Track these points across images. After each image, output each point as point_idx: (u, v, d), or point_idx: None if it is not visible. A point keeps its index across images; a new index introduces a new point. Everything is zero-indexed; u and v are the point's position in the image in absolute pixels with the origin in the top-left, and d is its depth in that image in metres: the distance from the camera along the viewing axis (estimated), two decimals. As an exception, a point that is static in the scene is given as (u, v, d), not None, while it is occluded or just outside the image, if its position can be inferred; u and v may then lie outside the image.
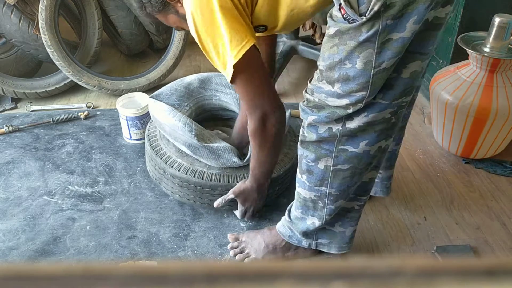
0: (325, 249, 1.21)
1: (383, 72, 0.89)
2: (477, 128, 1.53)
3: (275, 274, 0.20)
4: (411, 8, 0.82)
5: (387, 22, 0.83)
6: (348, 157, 1.01)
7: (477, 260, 0.21)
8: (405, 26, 0.84)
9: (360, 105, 0.93)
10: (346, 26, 0.86)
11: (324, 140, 1.00)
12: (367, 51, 0.86)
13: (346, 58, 0.89)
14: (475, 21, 1.73)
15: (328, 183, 1.05)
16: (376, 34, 0.84)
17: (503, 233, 1.35)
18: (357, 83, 0.90)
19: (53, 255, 1.26)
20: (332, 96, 0.94)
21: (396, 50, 0.86)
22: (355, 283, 0.20)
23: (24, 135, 1.80)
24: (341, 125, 0.97)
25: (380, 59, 0.87)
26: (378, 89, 0.92)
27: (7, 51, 2.16)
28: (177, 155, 1.34)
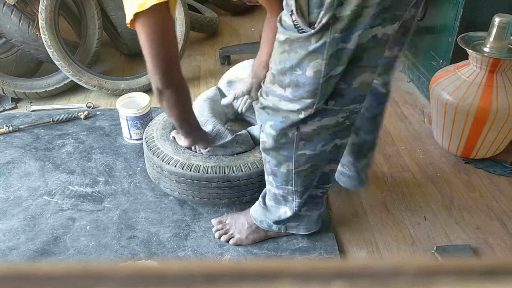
0: (293, 231, 1.29)
1: (330, 80, 0.93)
2: (477, 128, 1.53)
3: (275, 274, 0.20)
4: (358, 22, 0.86)
5: (335, 34, 0.87)
6: (307, 159, 1.07)
7: (477, 260, 0.21)
8: (351, 37, 0.88)
9: (310, 110, 0.97)
10: (296, 35, 0.89)
11: (282, 147, 1.05)
12: (316, 60, 0.90)
13: (297, 65, 0.92)
14: (475, 21, 1.73)
15: (293, 183, 1.12)
16: (325, 45, 0.88)
17: (503, 233, 1.35)
18: (307, 90, 0.94)
19: (53, 255, 1.26)
20: (285, 100, 0.98)
21: (343, 60, 0.91)
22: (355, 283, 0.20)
23: (24, 135, 1.80)
24: (295, 129, 1.01)
25: (329, 69, 0.91)
26: (326, 96, 0.96)
27: (7, 51, 2.16)
28: (173, 153, 1.35)
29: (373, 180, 1.57)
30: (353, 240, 1.33)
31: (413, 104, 2.04)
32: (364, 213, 1.43)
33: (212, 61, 2.46)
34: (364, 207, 1.45)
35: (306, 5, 0.86)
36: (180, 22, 2.13)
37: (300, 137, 1.02)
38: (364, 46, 0.90)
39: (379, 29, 0.89)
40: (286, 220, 1.25)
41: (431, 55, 1.97)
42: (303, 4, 0.87)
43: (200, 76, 2.31)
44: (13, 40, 2.03)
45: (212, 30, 2.73)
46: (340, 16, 0.85)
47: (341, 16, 0.85)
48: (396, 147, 1.75)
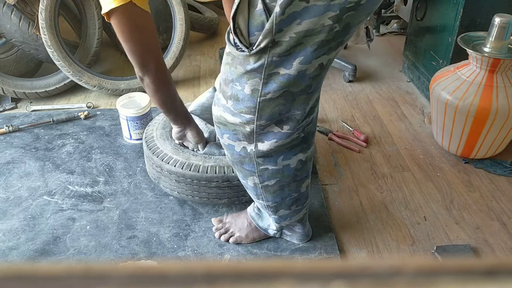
0: (288, 238, 1.30)
1: (270, 101, 0.93)
2: (477, 128, 1.53)
3: (275, 274, 0.20)
4: (299, 49, 0.86)
5: (273, 58, 0.87)
6: (270, 174, 1.06)
7: (477, 260, 0.21)
8: (291, 64, 0.88)
9: (253, 125, 0.97)
10: (236, 52, 0.90)
11: (244, 161, 1.05)
12: (254, 79, 0.91)
13: (237, 80, 0.94)
14: (475, 21, 1.73)
15: (263, 197, 1.13)
16: (263, 67, 0.89)
17: (503, 233, 1.35)
18: (245, 106, 0.95)
19: (53, 255, 1.26)
20: (227, 112, 0.99)
21: (282, 84, 0.91)
22: (355, 283, 0.20)
23: (24, 135, 1.80)
24: (253, 146, 1.01)
25: (266, 89, 0.92)
26: (269, 116, 0.96)
27: (7, 51, 2.16)
28: (173, 152, 1.34)
29: (373, 180, 1.57)
30: (353, 240, 1.33)
31: (413, 104, 2.04)
32: (364, 213, 1.43)
33: (212, 61, 2.46)
34: (364, 207, 1.45)
35: (245, 26, 0.87)
36: (180, 22, 2.13)
37: (257, 155, 1.02)
38: (310, 76, 0.91)
39: (325, 57, 0.89)
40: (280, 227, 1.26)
41: (431, 55, 1.97)
42: (242, 26, 0.87)
43: (200, 76, 2.31)
44: (13, 40, 2.03)
45: (212, 30, 2.73)
46: (279, 41, 0.85)
47: (280, 41, 0.85)
48: (396, 147, 1.75)
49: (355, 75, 2.23)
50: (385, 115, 1.96)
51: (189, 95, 2.11)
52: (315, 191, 1.47)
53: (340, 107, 2.03)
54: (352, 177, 1.58)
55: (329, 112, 1.98)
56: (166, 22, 2.37)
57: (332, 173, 1.60)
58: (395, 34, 2.82)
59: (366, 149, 1.73)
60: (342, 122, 1.90)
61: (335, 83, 2.23)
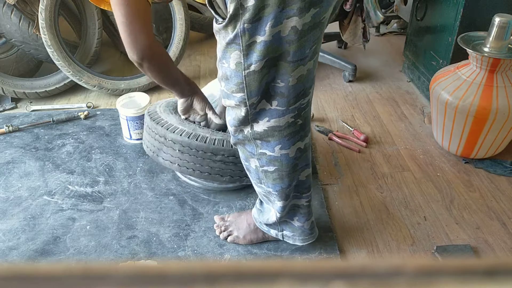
0: (290, 241, 1.26)
1: (255, 74, 0.92)
2: (477, 128, 1.53)
3: (275, 274, 0.20)
4: (267, 12, 0.86)
5: (244, 25, 0.87)
6: (269, 160, 1.06)
7: (477, 260, 0.21)
8: (264, 29, 0.87)
9: (246, 108, 0.97)
10: (217, 26, 0.92)
11: (244, 142, 1.06)
12: (235, 52, 0.91)
13: (223, 57, 0.94)
14: (475, 21, 1.73)
15: (264, 182, 1.12)
16: (238, 36, 0.89)
17: (503, 233, 1.35)
18: (234, 83, 0.95)
19: (53, 255, 1.26)
20: (223, 96, 1.00)
21: (261, 53, 0.90)
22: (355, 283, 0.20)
23: (24, 135, 1.80)
24: (249, 127, 1.02)
25: (248, 61, 0.91)
26: (257, 91, 0.95)
27: (7, 51, 2.16)
28: (179, 123, 1.33)
29: (372, 179, 1.57)
30: (353, 240, 1.33)
31: (413, 104, 2.04)
32: (364, 213, 1.43)
33: (212, 61, 2.46)
34: (364, 207, 1.45)
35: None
36: (180, 22, 2.13)
37: (254, 136, 1.03)
38: (286, 40, 0.89)
39: (297, 20, 0.87)
40: (279, 225, 1.24)
41: (431, 55, 1.97)
42: None
43: (200, 76, 2.31)
44: (13, 40, 2.03)
45: (212, 30, 2.73)
46: (247, 6, 0.85)
47: (247, 6, 0.85)
48: (396, 147, 1.75)
49: (355, 75, 2.23)
50: (385, 115, 1.96)
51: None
52: (315, 191, 1.47)
53: (340, 107, 2.03)
54: (352, 177, 1.58)
55: (329, 112, 1.98)
56: (166, 22, 2.37)
57: (332, 173, 1.60)
58: (395, 34, 2.82)
59: (366, 149, 1.73)
60: (342, 122, 1.90)
61: (335, 83, 2.23)
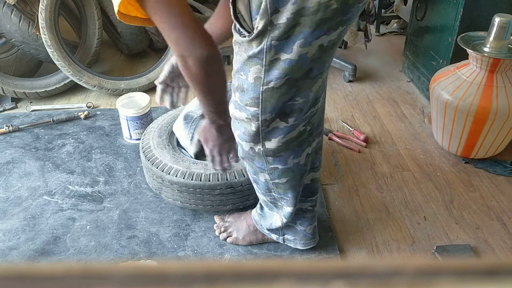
0: (291, 245, 1.27)
1: (273, 91, 0.90)
2: (477, 128, 1.53)
3: (275, 274, 0.20)
4: (297, 31, 0.84)
5: (272, 42, 0.85)
6: (281, 172, 1.05)
7: (477, 260, 0.21)
8: (291, 48, 0.85)
9: (257, 122, 0.94)
10: (240, 38, 0.89)
11: (254, 158, 1.04)
12: (256, 66, 0.89)
13: (241, 69, 0.91)
14: (475, 21, 1.73)
15: (275, 191, 1.11)
16: (263, 52, 0.86)
17: (503, 233, 1.35)
18: (250, 96, 0.92)
19: (53, 255, 1.26)
20: (235, 106, 0.97)
21: (284, 71, 0.88)
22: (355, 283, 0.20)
23: (24, 135, 1.80)
24: (261, 145, 0.99)
25: (268, 77, 0.89)
26: (272, 109, 0.92)
27: (7, 51, 2.16)
28: (173, 162, 1.33)
29: (372, 179, 1.57)
30: (353, 240, 1.33)
31: (413, 104, 2.04)
32: (364, 213, 1.43)
33: (212, 61, 2.45)
34: (364, 207, 1.45)
35: (247, 11, 0.85)
36: (180, 22, 2.13)
37: (266, 153, 1.01)
38: (312, 58, 0.88)
39: (325, 38, 0.87)
40: (281, 229, 1.24)
41: (431, 55, 1.97)
42: (243, 10, 0.86)
43: (200, 76, 2.31)
44: (13, 40, 2.02)
45: (212, 30, 2.73)
46: (278, 23, 0.83)
47: (278, 24, 0.83)
48: (396, 147, 1.75)
49: (355, 75, 2.23)
50: (385, 115, 1.96)
51: (189, 94, 2.11)
52: (315, 191, 1.47)
53: (340, 107, 2.03)
54: (352, 177, 1.58)
55: (329, 112, 1.98)
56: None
57: (332, 173, 1.60)
58: (395, 34, 2.82)
59: (366, 149, 1.73)
60: (342, 122, 1.90)
61: (335, 83, 2.23)
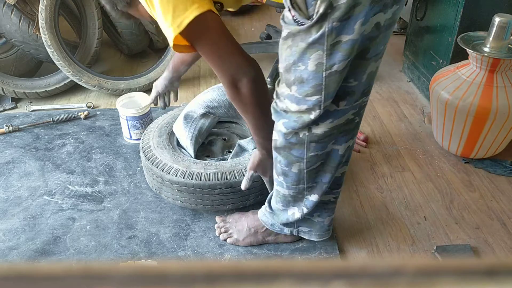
0: (306, 236, 1.26)
1: (336, 75, 0.90)
2: (477, 128, 1.53)
3: (274, 274, 0.20)
4: (358, 10, 0.84)
5: (333, 24, 0.85)
6: (319, 158, 1.05)
7: (477, 260, 0.21)
8: (353, 28, 0.85)
9: (319, 110, 0.95)
10: (296, 28, 0.88)
11: (293, 147, 1.03)
12: (317, 52, 0.88)
13: (299, 60, 0.91)
14: (475, 21, 1.73)
15: (304, 182, 1.10)
16: (324, 36, 0.86)
17: (503, 233, 1.35)
18: (311, 85, 0.92)
19: (53, 255, 1.27)
20: (292, 101, 0.96)
21: (346, 52, 0.88)
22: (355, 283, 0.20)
23: (24, 135, 1.80)
24: (307, 130, 0.99)
25: (331, 61, 0.89)
26: (333, 93, 0.93)
27: (7, 51, 2.16)
28: (172, 161, 1.33)
29: (373, 182, 1.57)
30: (353, 240, 1.33)
31: (413, 104, 2.04)
32: (364, 213, 1.43)
33: (212, 61, 2.45)
34: (364, 207, 1.45)
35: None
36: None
37: (310, 139, 1.00)
38: (369, 36, 0.89)
39: (381, 15, 0.87)
40: (296, 223, 1.22)
41: (431, 55, 1.97)
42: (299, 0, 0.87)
43: (200, 76, 2.31)
44: (13, 40, 2.03)
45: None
46: (337, 5, 0.83)
47: (338, 5, 0.83)
48: (396, 147, 1.75)
49: (355, 75, 2.22)
50: (385, 115, 1.96)
51: (189, 95, 2.11)
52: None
53: (340, 107, 2.03)
54: (352, 177, 1.58)
55: (329, 112, 1.98)
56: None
57: (332, 173, 1.60)
58: (395, 34, 2.82)
59: (366, 149, 1.73)
60: (342, 122, 1.90)
61: (335, 83, 2.23)
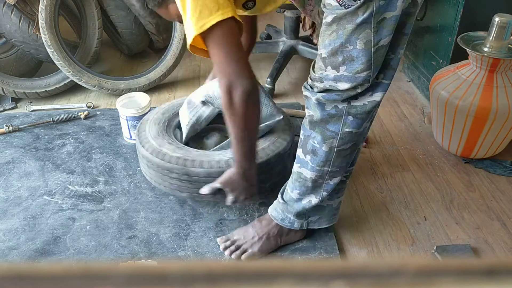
0: (315, 226, 1.27)
1: (382, 49, 0.97)
2: (477, 128, 1.53)
3: (274, 274, 0.20)
4: None
5: (379, 3, 0.91)
6: (351, 137, 1.08)
7: (477, 260, 0.21)
8: (396, 5, 0.92)
9: (367, 84, 1.00)
10: (343, 11, 0.93)
11: (330, 120, 1.06)
12: (365, 31, 0.94)
13: (347, 41, 0.96)
14: (475, 21, 1.73)
15: (331, 163, 1.12)
16: (372, 15, 0.92)
17: (503, 233, 1.35)
18: (361, 62, 0.97)
19: (53, 255, 1.26)
20: (341, 81, 1.00)
21: (390, 27, 0.94)
22: (355, 283, 0.20)
23: (24, 135, 1.80)
24: (346, 103, 1.03)
25: (378, 37, 0.95)
26: (379, 67, 1.00)
27: (7, 51, 2.16)
28: (153, 138, 1.36)
29: (373, 180, 1.57)
30: (353, 240, 1.33)
31: (413, 104, 2.04)
32: (364, 213, 1.43)
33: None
34: (364, 207, 1.45)
35: None
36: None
37: (349, 112, 1.03)
38: (407, 12, 0.95)
39: None
40: (308, 211, 1.21)
41: (431, 55, 1.97)
42: None
43: (200, 76, 2.31)
44: (13, 40, 2.02)
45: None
46: None
47: None
48: (396, 147, 1.75)
49: (355, 75, 2.22)
50: (385, 115, 1.96)
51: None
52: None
53: (340, 107, 2.03)
54: (352, 177, 1.58)
55: (329, 112, 1.98)
56: (166, 22, 2.37)
57: (332, 173, 1.60)
58: (395, 34, 2.81)
59: (366, 149, 1.73)
60: (342, 122, 1.90)
61: (335, 83, 2.23)
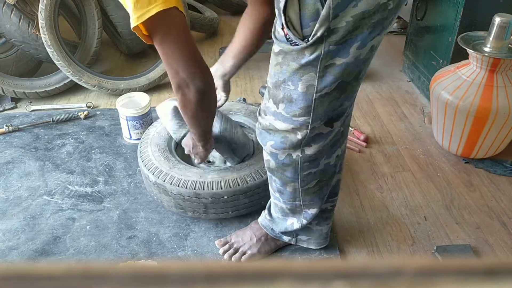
0: (304, 245, 1.27)
1: (326, 97, 0.89)
2: (477, 128, 1.53)
3: (274, 274, 0.20)
4: (355, 34, 0.82)
5: (329, 47, 0.83)
6: (312, 177, 1.05)
7: (477, 260, 0.21)
8: (348, 51, 0.84)
9: (305, 131, 0.93)
10: (289, 47, 0.85)
11: (286, 169, 1.02)
12: (309, 74, 0.86)
13: (289, 79, 0.88)
14: (475, 21, 1.73)
15: (300, 199, 1.10)
16: (319, 59, 0.84)
17: (503, 233, 1.35)
18: (300, 106, 0.90)
19: (53, 255, 1.26)
20: (279, 119, 0.94)
21: (338, 75, 0.86)
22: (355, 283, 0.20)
23: (24, 135, 1.80)
24: (300, 151, 0.98)
25: (322, 84, 0.87)
26: (322, 115, 0.92)
27: (7, 51, 2.16)
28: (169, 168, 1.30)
29: (373, 182, 1.57)
30: (353, 240, 1.33)
31: (413, 104, 2.04)
32: (364, 213, 1.43)
33: (212, 61, 2.45)
34: (364, 207, 1.45)
35: (297, 19, 0.83)
36: (180, 22, 2.13)
37: (304, 160, 0.99)
38: (364, 59, 0.87)
39: (378, 38, 0.86)
40: (294, 232, 1.23)
41: (431, 55, 1.97)
42: (294, 18, 0.83)
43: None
44: (13, 40, 2.02)
45: (212, 30, 2.73)
46: (335, 28, 0.81)
47: (336, 28, 0.81)
48: (396, 147, 1.75)
49: (355, 75, 2.22)
50: (385, 115, 1.96)
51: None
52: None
53: (340, 107, 2.03)
54: (352, 177, 1.58)
55: (329, 112, 1.98)
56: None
57: (332, 173, 1.60)
58: (395, 34, 2.82)
59: (366, 149, 1.73)
60: (342, 122, 1.90)
61: (335, 83, 2.23)
